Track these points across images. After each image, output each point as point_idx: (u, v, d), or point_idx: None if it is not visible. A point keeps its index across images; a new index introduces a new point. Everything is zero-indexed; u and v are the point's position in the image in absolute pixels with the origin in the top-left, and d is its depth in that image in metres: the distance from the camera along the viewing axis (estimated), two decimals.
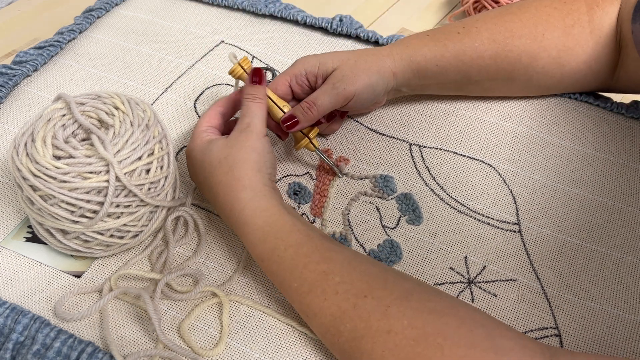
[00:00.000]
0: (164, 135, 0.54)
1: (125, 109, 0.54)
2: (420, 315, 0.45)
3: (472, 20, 0.66)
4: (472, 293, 0.56)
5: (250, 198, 0.53)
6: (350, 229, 0.60)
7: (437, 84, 0.67)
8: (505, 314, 0.54)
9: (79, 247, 0.54)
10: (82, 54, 0.77)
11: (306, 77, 0.61)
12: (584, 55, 0.64)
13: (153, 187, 0.53)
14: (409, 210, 0.61)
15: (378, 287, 0.48)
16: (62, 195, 0.49)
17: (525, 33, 0.64)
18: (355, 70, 0.60)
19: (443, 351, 0.43)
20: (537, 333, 0.53)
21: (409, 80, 0.65)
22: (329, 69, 0.61)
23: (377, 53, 0.63)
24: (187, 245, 0.58)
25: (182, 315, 0.53)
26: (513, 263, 0.57)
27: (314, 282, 0.49)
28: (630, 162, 0.65)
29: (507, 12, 0.66)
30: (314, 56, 0.62)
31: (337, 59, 0.61)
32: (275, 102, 0.60)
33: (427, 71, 0.64)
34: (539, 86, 0.69)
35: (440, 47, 0.64)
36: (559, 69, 0.66)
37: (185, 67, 0.76)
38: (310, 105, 0.59)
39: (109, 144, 0.50)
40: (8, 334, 0.51)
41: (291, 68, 0.61)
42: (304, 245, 0.51)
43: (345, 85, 0.60)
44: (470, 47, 0.64)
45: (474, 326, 0.45)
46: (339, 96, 0.60)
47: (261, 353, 0.51)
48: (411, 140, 0.67)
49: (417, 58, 0.63)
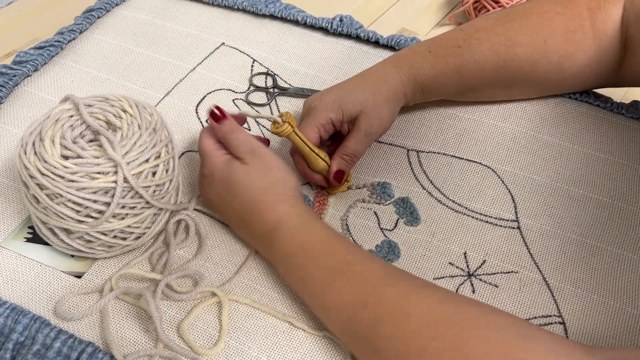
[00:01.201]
0: (170, 139, 0.55)
1: (133, 112, 0.54)
2: (440, 302, 0.46)
3: (473, 30, 0.66)
4: (472, 285, 0.56)
5: (289, 206, 0.54)
6: (348, 232, 0.60)
7: (438, 97, 0.69)
8: (507, 302, 0.55)
9: (82, 247, 0.54)
10: (83, 55, 0.77)
11: (332, 123, 0.62)
12: (586, 59, 0.64)
13: (158, 189, 0.54)
14: (406, 212, 0.62)
15: (398, 276, 0.49)
16: (69, 195, 0.49)
17: (527, 40, 0.64)
18: (377, 109, 0.62)
19: (467, 333, 0.43)
20: (541, 320, 0.54)
21: (414, 97, 0.66)
22: (354, 114, 0.62)
23: (387, 79, 0.64)
24: (187, 248, 0.58)
25: (181, 315, 0.53)
26: (513, 257, 0.58)
27: (338, 271, 0.50)
28: (630, 161, 0.65)
29: (508, 19, 0.65)
30: (333, 102, 0.62)
31: (358, 102, 0.61)
32: (317, 154, 0.61)
33: (430, 88, 0.66)
34: (540, 90, 0.69)
35: (442, 65, 0.64)
36: (560, 73, 0.66)
37: (187, 70, 0.76)
38: (351, 157, 0.61)
39: (118, 146, 0.51)
40: (8, 334, 0.51)
41: (315, 118, 0.61)
42: (332, 239, 0.53)
43: (375, 128, 0.62)
44: (471, 62, 0.64)
45: (498, 314, 0.45)
46: (371, 140, 0.62)
47: (259, 352, 0.51)
48: (409, 146, 0.67)
49: (420, 78, 0.65)
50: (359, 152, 0.62)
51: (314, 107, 0.62)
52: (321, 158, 0.61)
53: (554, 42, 0.64)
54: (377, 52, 0.78)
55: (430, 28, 0.88)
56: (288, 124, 0.58)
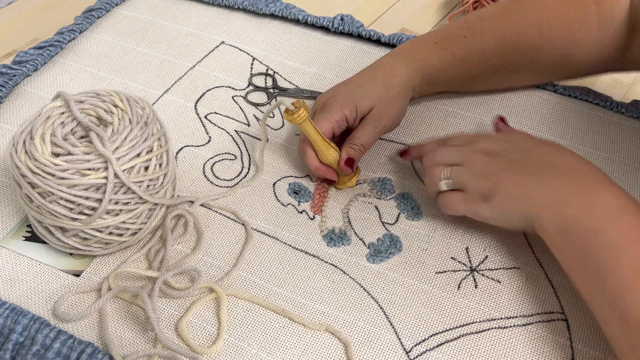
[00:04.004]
0: (163, 133, 0.54)
1: (123, 106, 0.54)
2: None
3: (477, 19, 0.66)
4: (475, 280, 0.56)
5: None
6: (349, 225, 0.60)
7: (445, 88, 0.69)
8: (510, 298, 0.54)
9: (78, 245, 0.54)
10: (83, 54, 0.78)
11: (346, 120, 0.62)
12: (591, 45, 0.64)
13: (152, 184, 0.53)
14: (407, 208, 0.61)
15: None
16: (60, 192, 0.49)
17: (531, 27, 0.64)
18: (388, 103, 0.62)
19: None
20: (544, 317, 0.53)
21: (421, 90, 0.67)
22: (366, 110, 0.62)
23: (397, 73, 0.64)
24: (185, 243, 0.58)
25: (179, 312, 0.53)
26: (516, 253, 0.57)
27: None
28: (630, 160, 0.65)
29: (511, 7, 0.65)
30: (347, 99, 0.61)
31: (371, 97, 0.62)
32: (329, 144, 0.60)
33: (437, 79, 0.66)
34: (545, 76, 0.70)
35: (448, 56, 0.65)
36: (564, 59, 0.65)
37: (186, 68, 0.76)
38: (359, 147, 0.61)
39: (108, 141, 0.50)
40: (8, 334, 0.51)
41: (330, 113, 0.61)
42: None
43: (384, 122, 0.62)
44: (477, 50, 0.65)
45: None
46: (381, 132, 0.63)
47: (259, 348, 0.51)
48: (410, 144, 0.67)
49: (428, 70, 0.65)
50: (367, 143, 0.61)
51: (329, 104, 0.62)
52: (333, 148, 0.61)
53: (558, 28, 0.63)
54: (377, 51, 0.78)
55: (430, 28, 0.88)
56: (304, 108, 0.57)
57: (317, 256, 0.57)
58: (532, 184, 0.51)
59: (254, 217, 0.60)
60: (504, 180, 0.52)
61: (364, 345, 0.51)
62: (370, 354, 0.51)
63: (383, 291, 0.55)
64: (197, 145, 0.67)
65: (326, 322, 0.53)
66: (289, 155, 0.66)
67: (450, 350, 0.51)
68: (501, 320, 0.53)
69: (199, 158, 0.66)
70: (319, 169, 0.61)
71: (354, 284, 0.56)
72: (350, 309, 0.54)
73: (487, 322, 0.53)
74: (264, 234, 0.59)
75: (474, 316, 0.53)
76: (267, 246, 0.58)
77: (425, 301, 0.54)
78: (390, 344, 0.52)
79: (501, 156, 0.53)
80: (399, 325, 0.53)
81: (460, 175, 0.54)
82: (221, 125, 0.69)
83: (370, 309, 0.54)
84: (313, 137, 0.59)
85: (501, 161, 0.53)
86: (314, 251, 0.58)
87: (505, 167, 0.52)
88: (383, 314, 0.53)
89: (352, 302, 0.54)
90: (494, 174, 0.52)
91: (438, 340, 0.52)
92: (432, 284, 0.55)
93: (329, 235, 0.59)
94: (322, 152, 0.60)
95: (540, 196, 0.50)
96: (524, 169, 0.52)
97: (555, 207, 0.49)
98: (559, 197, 0.49)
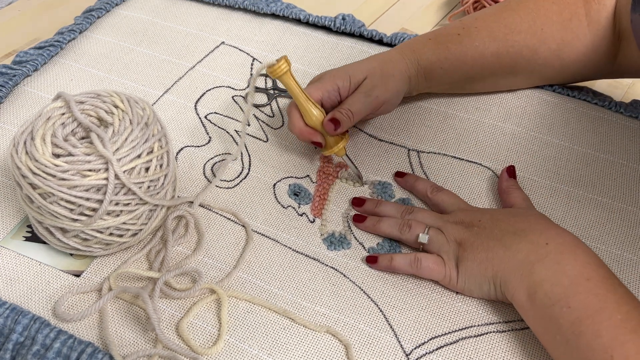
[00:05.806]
0: (164, 134, 0.54)
1: (124, 107, 0.54)
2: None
3: (471, 20, 0.67)
4: None
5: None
6: (349, 229, 0.60)
7: (442, 85, 0.69)
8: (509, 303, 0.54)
9: (79, 245, 0.54)
10: (83, 54, 0.77)
11: (338, 91, 0.62)
12: (583, 47, 0.65)
13: (152, 185, 0.53)
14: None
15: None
16: (61, 193, 0.49)
17: (524, 28, 0.65)
18: (383, 78, 0.62)
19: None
20: None
21: (418, 83, 0.67)
22: (360, 80, 0.62)
23: (393, 59, 0.64)
24: (186, 244, 0.58)
25: (180, 313, 0.53)
26: None
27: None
28: (630, 161, 0.65)
29: (505, 9, 0.67)
30: (341, 70, 0.62)
31: (365, 69, 0.62)
32: (313, 104, 0.60)
33: (433, 74, 0.66)
34: (541, 78, 0.70)
35: (444, 50, 0.65)
36: (558, 61, 0.67)
37: (186, 68, 0.76)
38: (347, 112, 0.60)
39: (108, 142, 0.50)
40: (8, 334, 0.51)
41: (322, 82, 0.61)
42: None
43: (378, 93, 0.61)
44: (471, 47, 0.65)
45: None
46: (372, 103, 0.62)
47: (260, 349, 0.51)
48: (410, 146, 0.67)
49: (423, 62, 0.65)
50: (356, 111, 0.60)
51: (323, 76, 0.63)
52: (318, 109, 0.60)
53: (551, 29, 0.65)
54: (378, 50, 0.78)
55: (430, 28, 0.88)
56: (285, 61, 0.57)
57: (317, 259, 0.58)
58: (498, 247, 0.52)
59: (254, 219, 0.60)
60: (472, 245, 0.53)
61: (364, 347, 0.51)
62: (371, 356, 0.51)
63: (383, 294, 0.55)
64: (197, 146, 0.67)
65: (326, 325, 0.53)
66: (287, 156, 0.66)
67: (450, 354, 0.51)
68: (500, 324, 0.53)
69: (199, 158, 0.66)
70: (303, 131, 0.61)
71: (354, 286, 0.56)
72: (350, 311, 0.54)
73: (486, 325, 0.53)
74: (264, 235, 0.59)
75: (474, 320, 0.53)
76: (268, 248, 0.58)
77: (425, 304, 0.54)
78: (390, 346, 0.52)
79: (474, 225, 0.55)
80: (398, 328, 0.53)
81: (437, 236, 0.55)
82: (221, 125, 0.69)
83: (370, 312, 0.54)
84: (295, 92, 0.59)
85: (473, 230, 0.54)
86: (314, 254, 0.58)
87: (475, 234, 0.54)
88: (383, 316, 0.54)
89: (352, 305, 0.54)
90: (465, 240, 0.54)
91: (438, 343, 0.52)
92: (431, 288, 0.55)
93: (329, 238, 0.59)
94: (305, 111, 0.60)
95: (506, 260, 0.51)
96: (491, 235, 0.53)
97: (522, 271, 0.50)
98: (525, 261, 0.50)
